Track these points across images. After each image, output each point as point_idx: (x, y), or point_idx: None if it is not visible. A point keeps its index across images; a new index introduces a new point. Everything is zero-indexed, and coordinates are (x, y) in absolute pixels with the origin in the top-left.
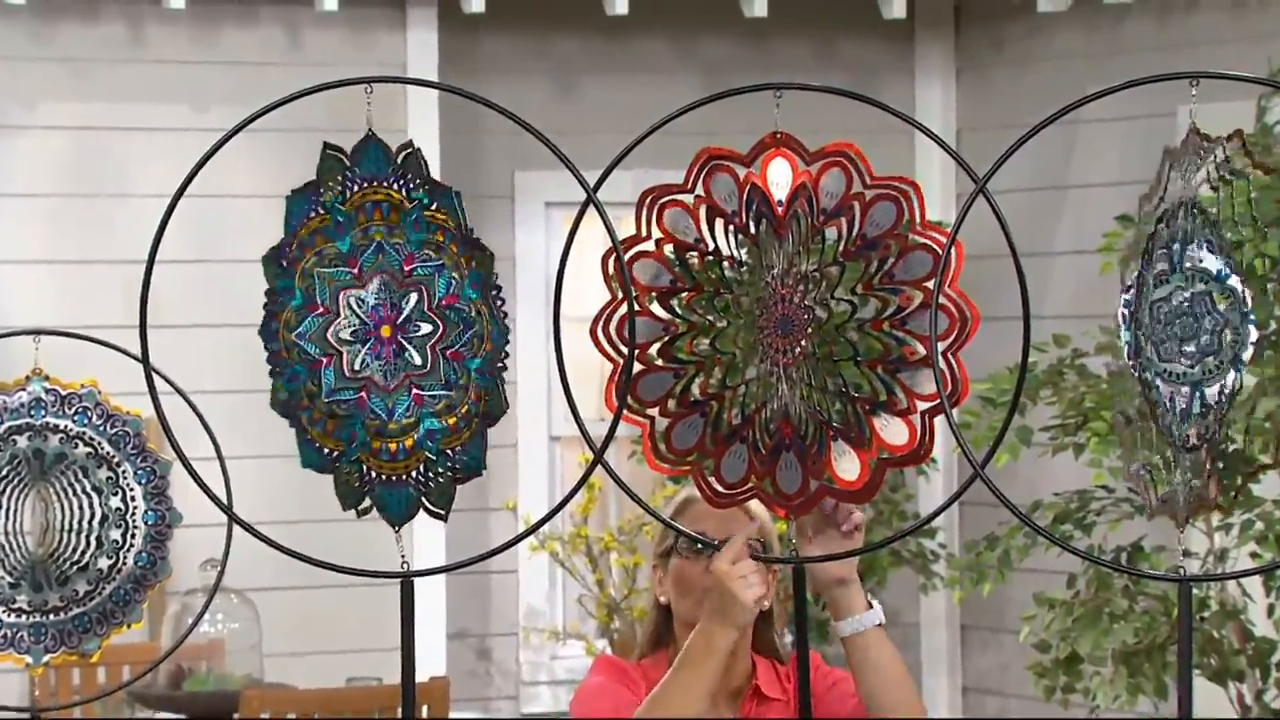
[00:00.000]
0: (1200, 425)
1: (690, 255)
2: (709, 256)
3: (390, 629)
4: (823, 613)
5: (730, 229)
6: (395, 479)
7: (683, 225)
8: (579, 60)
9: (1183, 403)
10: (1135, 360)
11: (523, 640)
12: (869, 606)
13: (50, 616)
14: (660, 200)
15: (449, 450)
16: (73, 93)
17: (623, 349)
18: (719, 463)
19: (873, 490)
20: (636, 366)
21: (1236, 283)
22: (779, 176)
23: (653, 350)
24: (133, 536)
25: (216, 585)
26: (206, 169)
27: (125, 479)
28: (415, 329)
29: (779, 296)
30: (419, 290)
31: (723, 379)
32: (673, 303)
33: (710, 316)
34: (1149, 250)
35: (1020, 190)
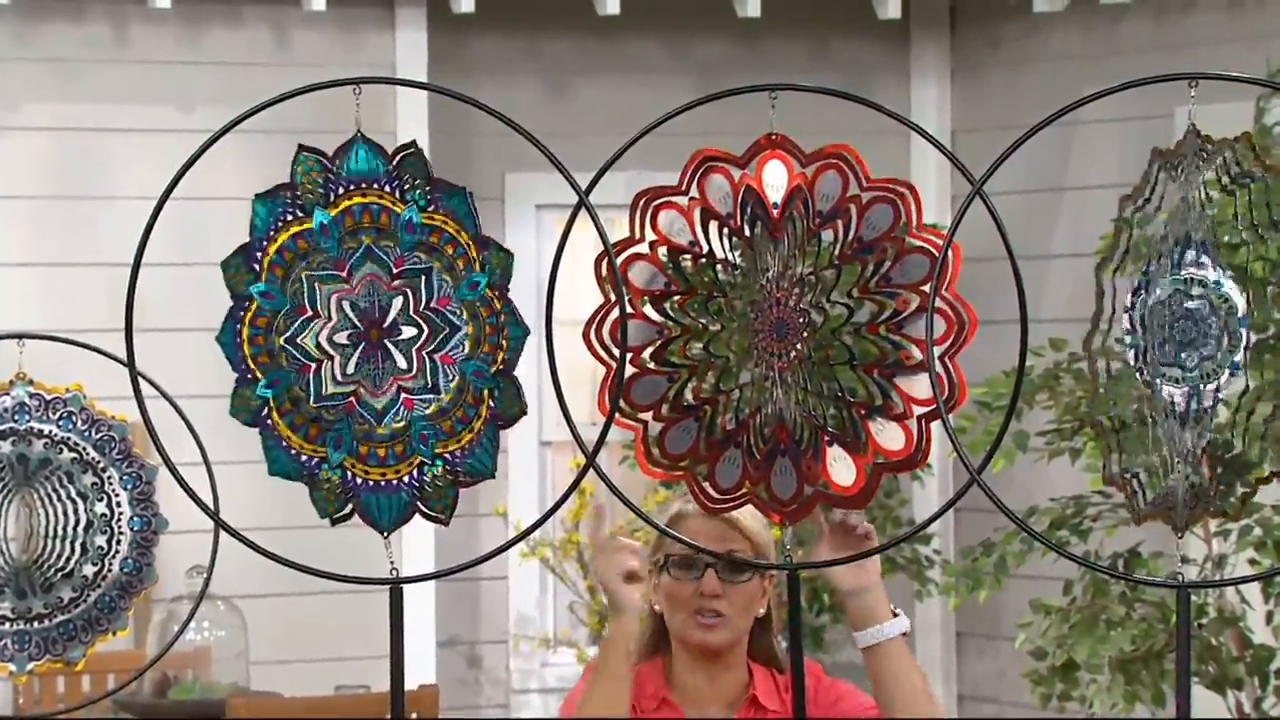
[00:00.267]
0: (1197, 428)
1: (684, 258)
2: (703, 259)
3: (379, 636)
4: (817, 619)
5: (725, 231)
6: (385, 483)
7: (677, 227)
8: (570, 61)
9: (1181, 405)
10: (1140, 363)
11: (513, 648)
12: (893, 615)
13: (34, 624)
14: (654, 202)
15: (447, 454)
16: (57, 93)
17: (616, 352)
18: (713, 468)
19: (868, 496)
20: (629, 370)
21: (1232, 288)
22: (774, 178)
23: (646, 354)
24: (118, 543)
25: (203, 592)
26: (192, 170)
27: (110, 484)
28: (399, 332)
29: (774, 300)
30: (404, 293)
31: (716, 383)
32: (666, 306)
33: (704, 320)
34: (1155, 253)
35: (1017, 192)
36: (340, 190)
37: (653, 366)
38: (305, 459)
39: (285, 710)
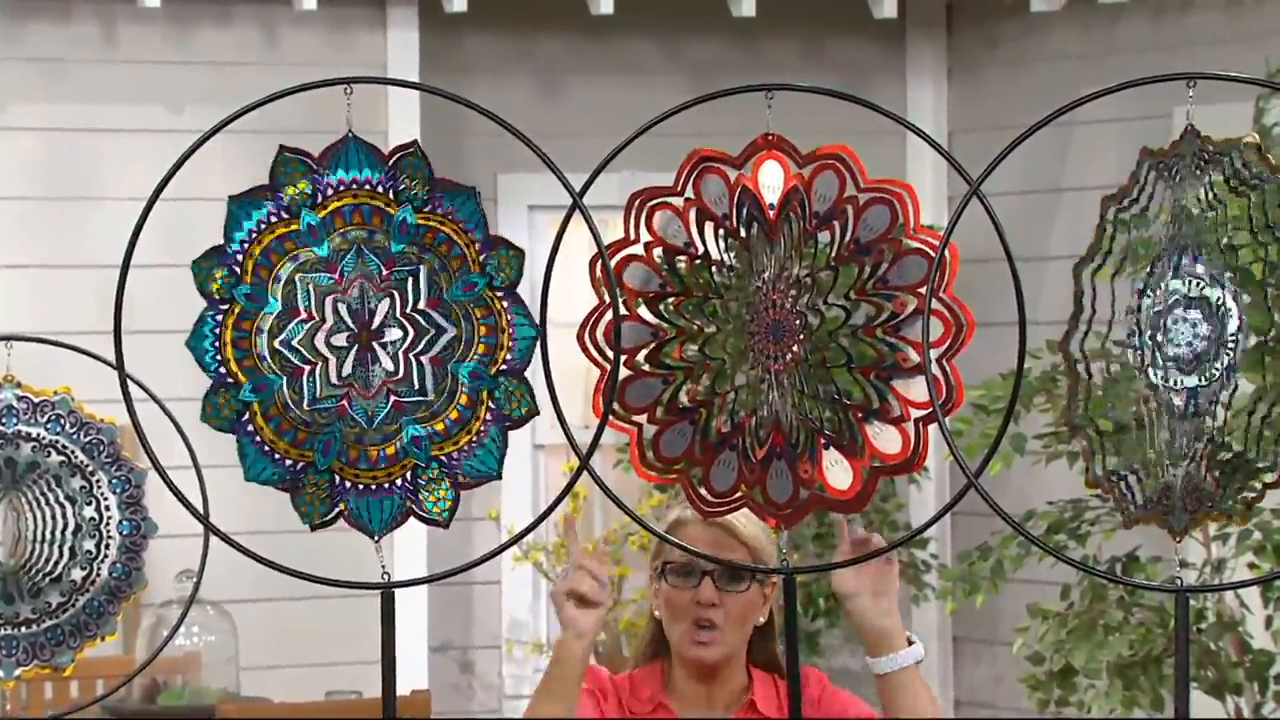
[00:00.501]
0: (1197, 430)
1: (679, 259)
2: (698, 260)
3: (370, 641)
4: (812, 624)
5: (720, 232)
6: (376, 487)
7: (672, 228)
8: (563, 61)
9: (1181, 407)
10: (1144, 365)
11: (506, 653)
12: (909, 643)
13: (22, 629)
14: (649, 203)
15: (444, 456)
16: (44, 93)
17: (610, 354)
18: (707, 471)
19: (865, 499)
20: (624, 372)
21: (1227, 293)
22: (771, 179)
23: (640, 356)
24: (107, 547)
25: (192, 597)
26: (182, 171)
27: (99, 488)
28: (384, 335)
29: (770, 301)
30: (391, 295)
31: (711, 385)
32: (661, 307)
33: (699, 322)
34: (1157, 255)
35: (1014, 193)
36: (329, 191)
37: (647, 369)
38: (290, 464)
39: (276, 716)
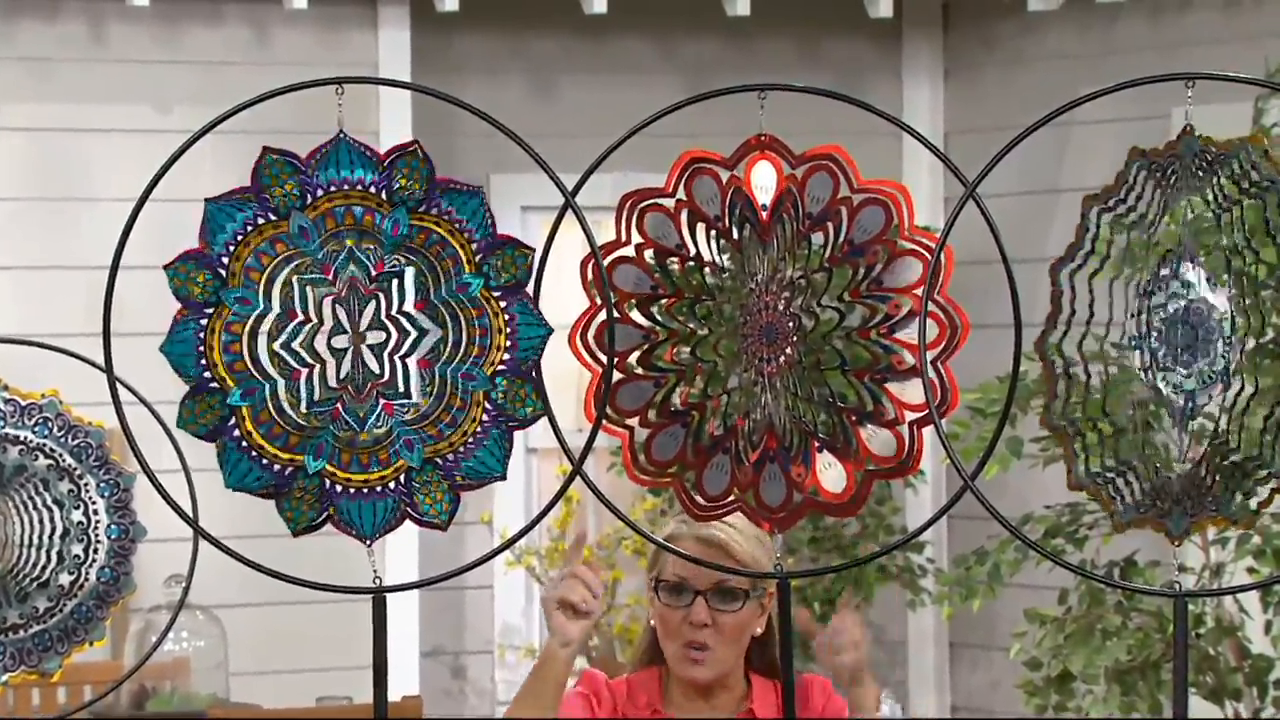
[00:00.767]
0: (1195, 433)
1: (671, 261)
2: (690, 262)
3: (361, 646)
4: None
5: (712, 234)
6: (368, 490)
7: (664, 230)
8: (556, 60)
9: (1180, 410)
10: (1148, 367)
11: (498, 658)
12: (879, 705)
13: (9, 634)
14: (641, 204)
15: (439, 458)
16: (32, 93)
17: (602, 357)
18: (700, 475)
19: (859, 503)
20: (616, 375)
21: (1223, 297)
22: (763, 180)
23: (632, 358)
24: (95, 551)
25: (181, 602)
26: (171, 171)
27: (87, 492)
28: (367, 337)
29: (763, 304)
30: (376, 297)
31: (704, 388)
32: (653, 309)
33: (691, 324)
34: (1164, 258)
35: (1011, 194)
36: (319, 192)
37: (639, 371)
38: (279, 469)
39: None
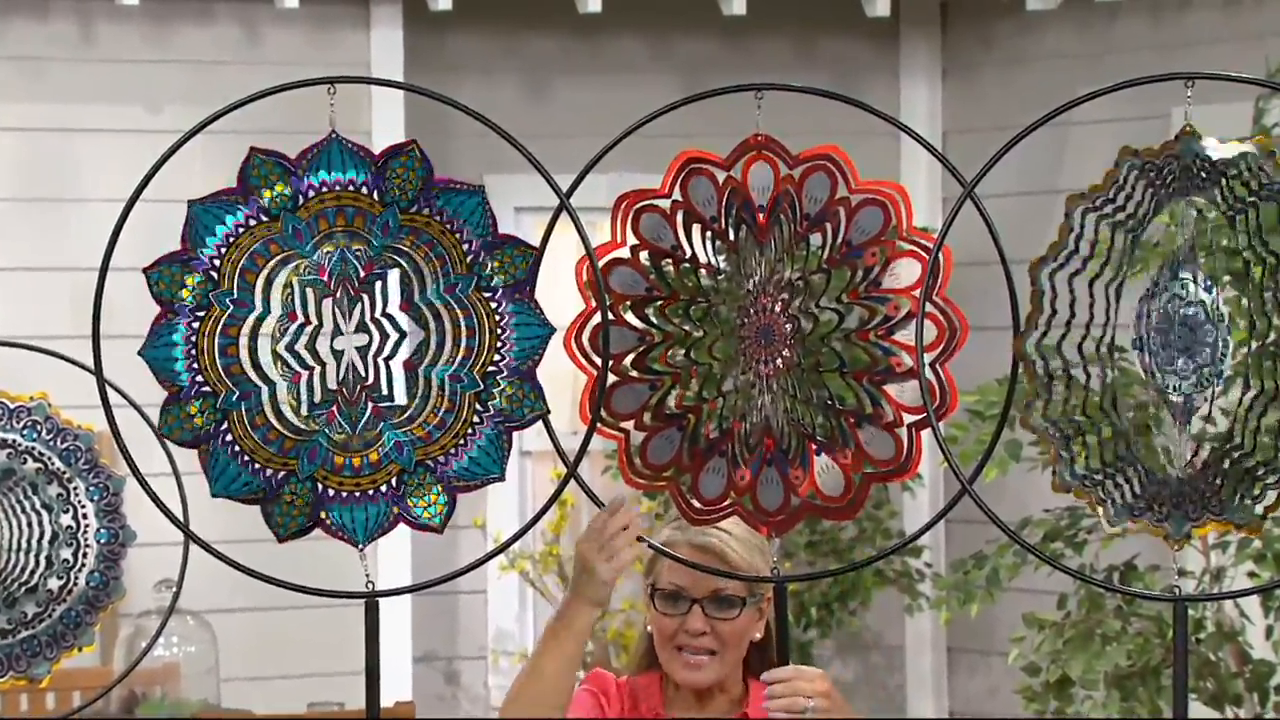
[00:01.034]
0: (1196, 435)
1: (666, 263)
2: (685, 264)
3: (353, 652)
4: (804, 634)
5: (709, 235)
6: (360, 494)
7: (659, 231)
8: (550, 60)
9: (1180, 411)
10: (1152, 369)
11: (492, 664)
12: None
13: None
14: (636, 205)
15: (430, 460)
16: (21, 93)
17: (597, 359)
18: (696, 478)
19: (857, 506)
20: (611, 378)
21: (1220, 300)
22: (760, 181)
23: (627, 361)
24: (84, 556)
25: (172, 606)
26: (161, 172)
27: (76, 495)
28: (355, 339)
29: (760, 305)
30: (361, 299)
31: (699, 391)
32: (648, 311)
33: (686, 326)
34: (1168, 260)
35: (1009, 195)
36: (310, 193)
37: (634, 374)
38: (270, 474)
39: None
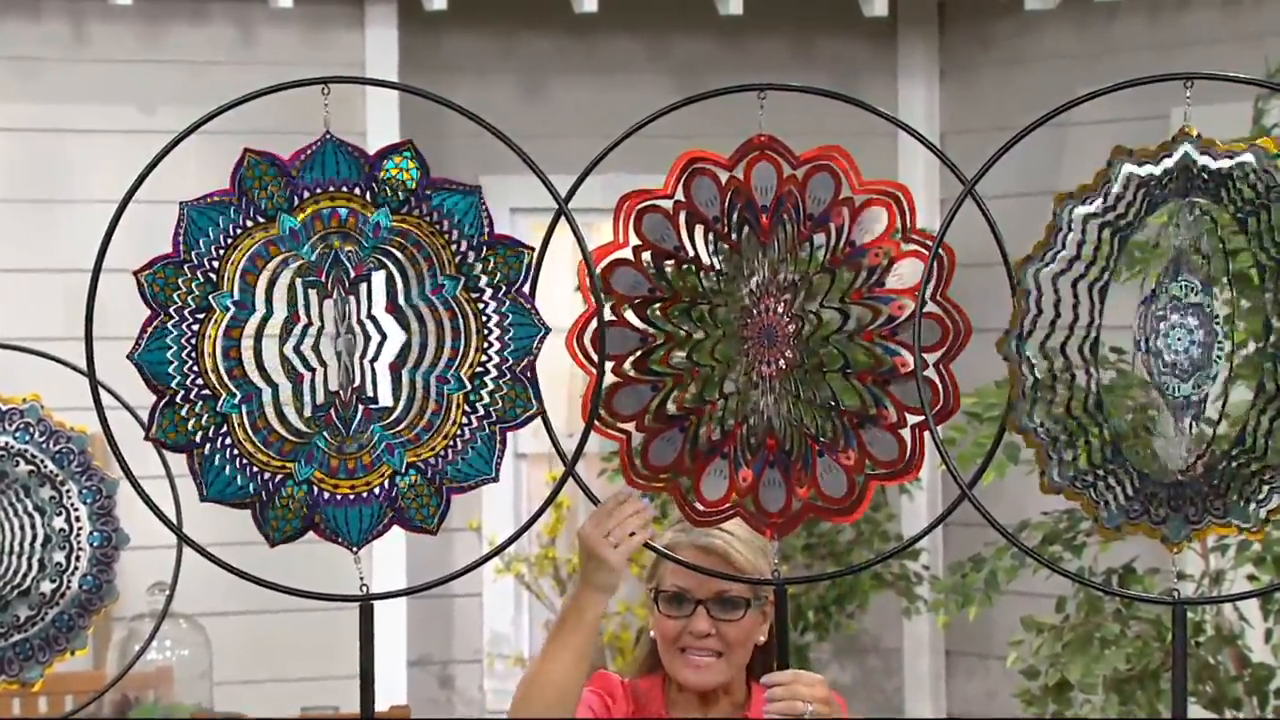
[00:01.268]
0: (1195, 436)
1: (668, 263)
2: (687, 265)
3: (348, 655)
4: (802, 637)
5: (711, 236)
6: (354, 497)
7: (662, 232)
8: (547, 60)
9: (1180, 411)
10: (1152, 371)
11: (487, 667)
12: None
13: None
14: (639, 206)
15: (420, 461)
16: (14, 93)
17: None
18: (698, 480)
19: (859, 506)
20: (612, 379)
21: (1218, 303)
22: (763, 181)
23: (627, 362)
24: (77, 559)
25: (165, 610)
26: (155, 173)
27: (69, 498)
28: (341, 342)
29: (762, 306)
30: (350, 301)
31: (700, 393)
32: (649, 312)
33: (686, 327)
34: (1171, 261)
35: (1008, 196)
36: (305, 194)
37: (635, 375)
38: (267, 477)
39: None
